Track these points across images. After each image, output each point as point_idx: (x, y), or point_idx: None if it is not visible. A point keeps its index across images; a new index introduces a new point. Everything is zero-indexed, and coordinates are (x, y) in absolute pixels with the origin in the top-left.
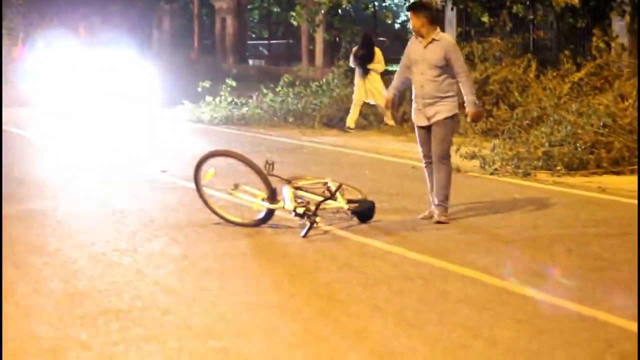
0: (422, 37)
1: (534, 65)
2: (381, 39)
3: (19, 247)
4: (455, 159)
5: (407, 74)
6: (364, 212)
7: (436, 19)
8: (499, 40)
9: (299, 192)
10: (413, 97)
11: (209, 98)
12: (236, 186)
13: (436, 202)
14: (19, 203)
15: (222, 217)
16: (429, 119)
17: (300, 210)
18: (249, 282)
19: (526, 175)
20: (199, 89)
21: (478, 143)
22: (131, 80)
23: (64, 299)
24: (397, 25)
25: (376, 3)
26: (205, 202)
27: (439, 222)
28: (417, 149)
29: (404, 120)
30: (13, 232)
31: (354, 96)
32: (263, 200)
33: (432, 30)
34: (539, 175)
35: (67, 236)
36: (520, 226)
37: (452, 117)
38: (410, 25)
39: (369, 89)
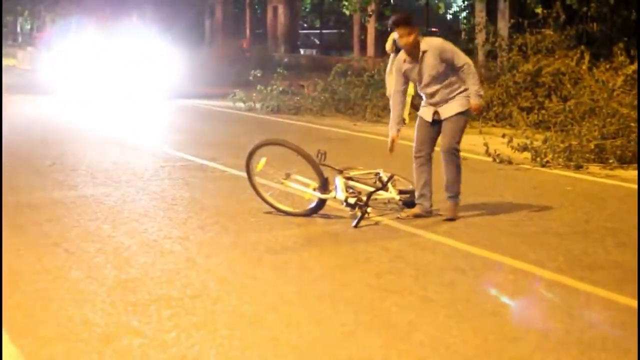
0: (413, 55)
1: (587, 57)
2: (433, 29)
3: (72, 233)
4: (506, 151)
5: (403, 97)
6: (414, 202)
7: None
8: (552, 32)
9: (351, 183)
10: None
11: (260, 87)
12: (288, 175)
13: (448, 195)
14: (72, 189)
15: (273, 207)
16: (437, 115)
17: (352, 200)
18: (300, 271)
19: (578, 168)
20: (251, 78)
21: (530, 135)
22: (180, 69)
23: (116, 286)
24: (449, 16)
25: None
26: (257, 191)
27: (448, 220)
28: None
29: None
30: (67, 219)
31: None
32: (314, 190)
33: (419, 42)
34: (591, 168)
35: (120, 223)
36: (572, 219)
37: (465, 112)
38: (400, 43)
39: None
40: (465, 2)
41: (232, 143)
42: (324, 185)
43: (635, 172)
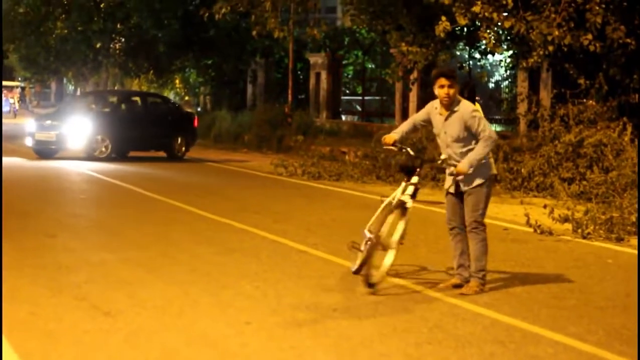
0: (446, 107)
1: (629, 129)
2: (476, 98)
3: (111, 295)
4: (548, 222)
5: (416, 125)
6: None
7: None
8: (594, 103)
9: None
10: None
11: (301, 152)
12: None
13: (472, 272)
14: (112, 252)
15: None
16: (459, 185)
17: (410, 189)
18: (339, 340)
19: (619, 240)
20: (292, 144)
21: (571, 206)
22: (222, 132)
23: (154, 350)
24: (491, 85)
25: (471, 62)
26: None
27: (462, 294)
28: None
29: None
30: (106, 281)
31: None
32: (396, 241)
33: (456, 100)
34: (632, 240)
35: (160, 286)
36: (613, 292)
37: (486, 182)
38: (439, 93)
39: None
40: (508, 72)
41: (272, 209)
42: (403, 210)
43: None
